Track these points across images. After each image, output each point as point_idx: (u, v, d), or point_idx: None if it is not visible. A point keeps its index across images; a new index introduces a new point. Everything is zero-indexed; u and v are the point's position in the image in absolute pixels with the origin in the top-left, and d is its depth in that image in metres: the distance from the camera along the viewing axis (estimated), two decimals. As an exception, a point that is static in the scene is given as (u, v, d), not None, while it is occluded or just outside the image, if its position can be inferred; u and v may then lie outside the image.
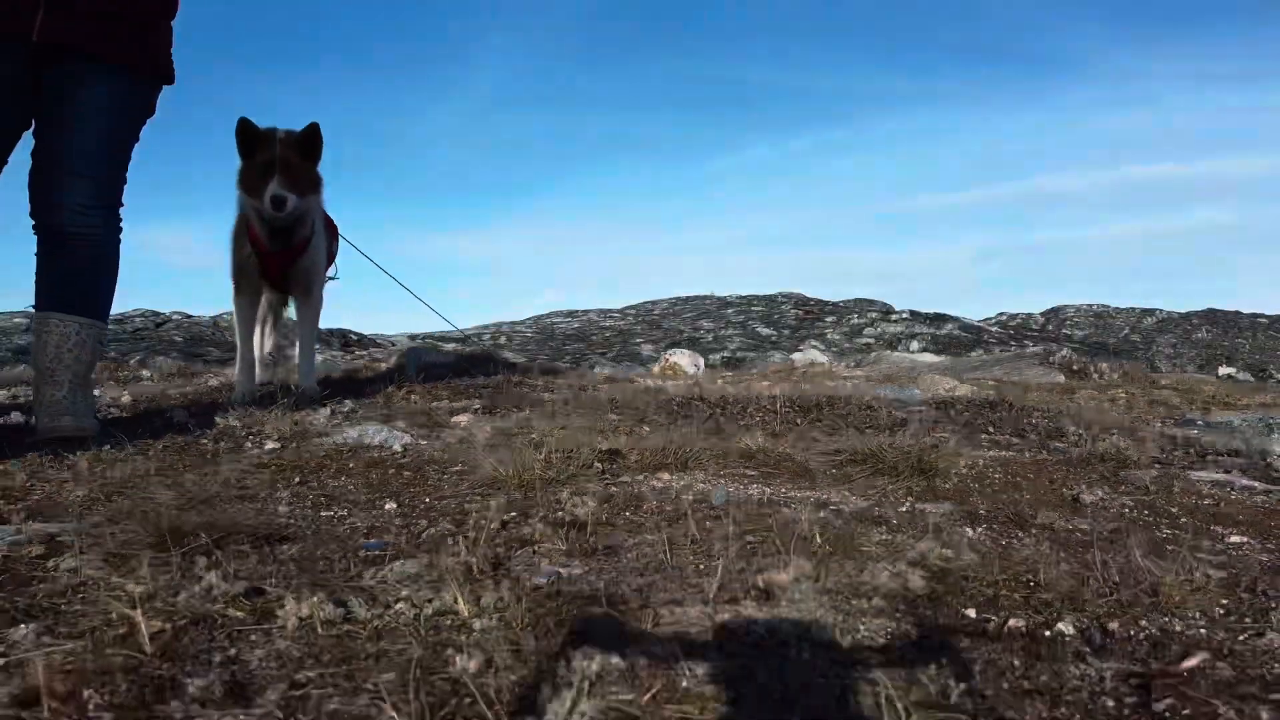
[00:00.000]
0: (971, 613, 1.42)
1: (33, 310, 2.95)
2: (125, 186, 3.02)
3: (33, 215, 2.90)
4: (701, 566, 1.61)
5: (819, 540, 1.72)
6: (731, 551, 1.64)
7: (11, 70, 2.71)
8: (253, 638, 1.16)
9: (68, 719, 0.88)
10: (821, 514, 2.03)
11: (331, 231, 4.39)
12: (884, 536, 1.86)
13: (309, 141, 3.61)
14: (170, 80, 3.05)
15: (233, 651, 1.11)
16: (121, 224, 3.02)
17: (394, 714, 0.92)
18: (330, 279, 4.47)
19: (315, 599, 1.21)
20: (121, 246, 3.06)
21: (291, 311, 4.44)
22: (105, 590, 1.27)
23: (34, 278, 2.93)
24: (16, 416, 3.33)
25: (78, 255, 2.91)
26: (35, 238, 2.90)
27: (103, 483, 2.21)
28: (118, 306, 3.20)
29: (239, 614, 1.22)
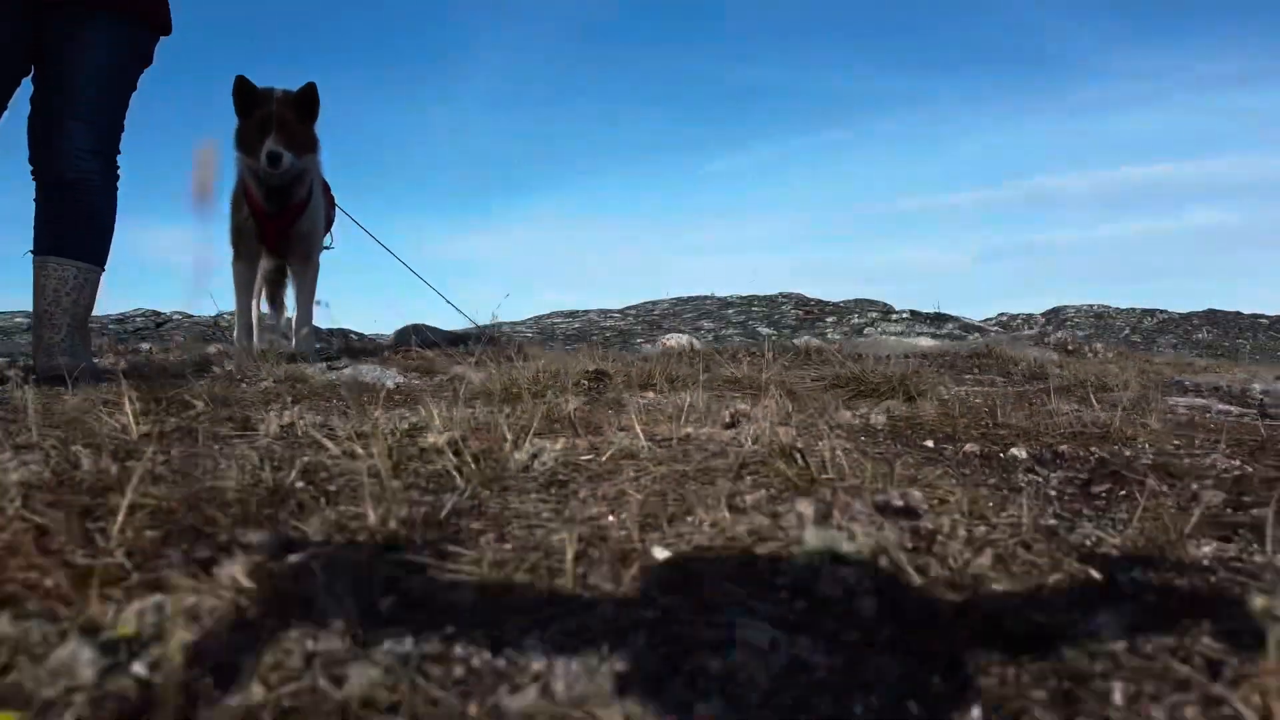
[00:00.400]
0: (930, 443, 1.47)
1: (31, 255, 3.01)
2: (122, 135, 3.09)
3: (31, 161, 2.97)
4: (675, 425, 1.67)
5: (790, 404, 1.77)
6: (704, 413, 1.70)
7: (11, 17, 2.79)
8: (235, 440, 1.22)
9: (60, 452, 0.94)
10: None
11: (328, 200, 4.45)
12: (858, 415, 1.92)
13: (306, 101, 3.66)
14: (167, 30, 3.13)
15: (217, 447, 1.17)
16: (119, 171, 3.09)
17: (367, 455, 0.98)
18: (326, 247, 4.53)
19: (296, 410, 1.27)
20: (119, 195, 3.13)
21: (290, 306, 4.48)
22: (97, 413, 1.33)
23: (32, 225, 3.01)
24: (14, 374, 3.40)
25: (76, 200, 2.97)
26: (34, 184, 2.98)
27: (99, 395, 2.27)
28: (118, 307, 3.28)
29: (223, 429, 1.28)
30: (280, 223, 3.92)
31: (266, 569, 0.65)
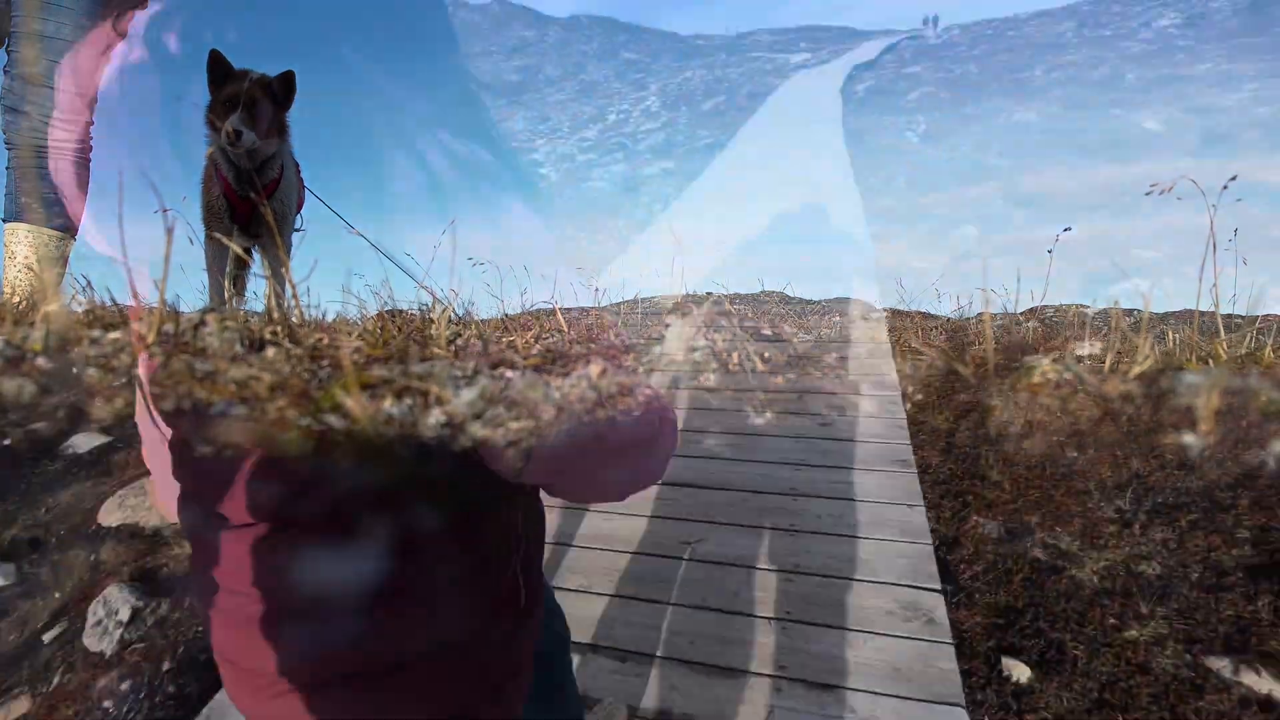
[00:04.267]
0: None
1: (1, 222, 3.06)
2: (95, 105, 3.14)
3: (3, 130, 3.02)
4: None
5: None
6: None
7: (-18, -12, 2.85)
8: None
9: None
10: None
11: (299, 183, 4.48)
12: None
13: (281, 86, 3.69)
14: (142, 4, 3.18)
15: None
16: (91, 141, 3.15)
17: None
18: (296, 230, 4.56)
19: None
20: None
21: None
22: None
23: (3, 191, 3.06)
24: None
25: (45, 168, 3.02)
26: (7, 152, 3.03)
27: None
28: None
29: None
30: (251, 202, 3.96)
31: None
